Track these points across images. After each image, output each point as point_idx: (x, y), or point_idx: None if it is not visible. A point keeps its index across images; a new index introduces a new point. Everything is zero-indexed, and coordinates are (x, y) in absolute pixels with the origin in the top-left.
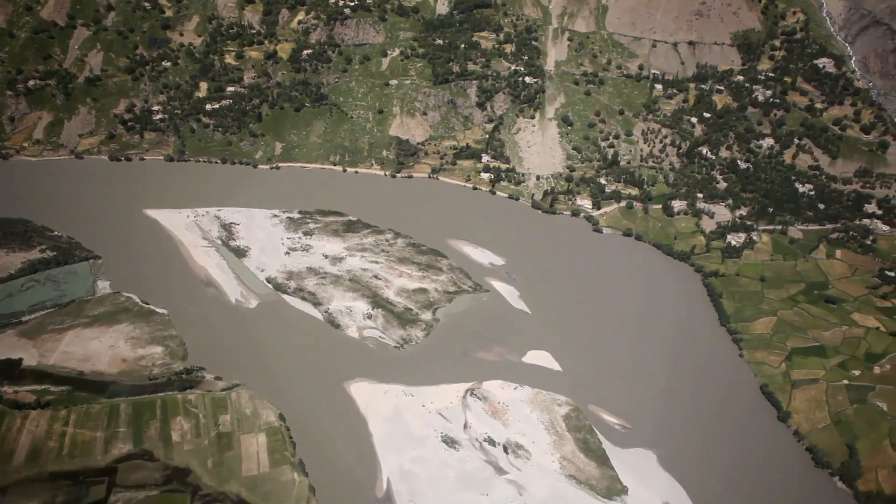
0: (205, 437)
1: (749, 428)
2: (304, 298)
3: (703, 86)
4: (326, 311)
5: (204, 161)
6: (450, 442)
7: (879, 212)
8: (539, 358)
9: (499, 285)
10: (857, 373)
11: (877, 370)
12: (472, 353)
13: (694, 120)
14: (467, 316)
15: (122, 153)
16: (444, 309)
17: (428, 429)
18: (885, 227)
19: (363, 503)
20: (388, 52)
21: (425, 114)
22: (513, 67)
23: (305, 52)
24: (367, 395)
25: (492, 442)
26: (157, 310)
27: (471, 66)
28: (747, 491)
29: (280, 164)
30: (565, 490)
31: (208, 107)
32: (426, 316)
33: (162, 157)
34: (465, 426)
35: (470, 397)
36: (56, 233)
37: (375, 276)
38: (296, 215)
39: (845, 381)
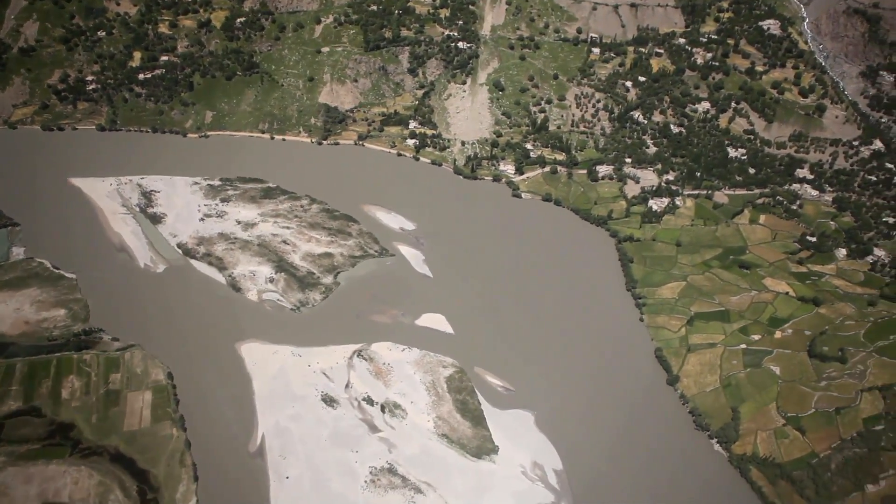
0: (93, 395)
1: (635, 392)
2: (210, 263)
3: (641, 49)
4: (230, 276)
5: (135, 130)
6: (329, 400)
7: (811, 176)
8: (433, 321)
9: (405, 250)
10: (757, 337)
11: (778, 335)
12: (366, 315)
13: (629, 84)
14: (369, 280)
15: (54, 123)
16: (346, 273)
17: (309, 388)
18: (814, 192)
19: (236, 457)
20: (322, 19)
21: (356, 81)
22: (446, 33)
23: (239, 20)
24: (257, 355)
25: (370, 401)
26: (66, 275)
27: (404, 32)
28: (620, 452)
29: (209, 133)
30: (435, 448)
31: (141, 76)
32: (327, 279)
33: (94, 127)
34: (347, 386)
35: (356, 358)
36: None
37: (284, 242)
38: (216, 182)
39: (743, 346)
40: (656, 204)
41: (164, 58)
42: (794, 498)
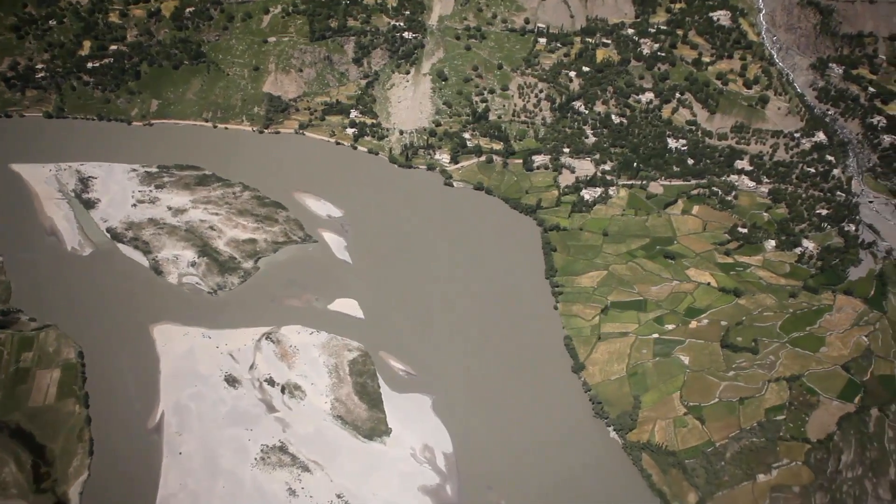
0: (3, 372)
1: (538, 379)
2: (136, 247)
3: (589, 39)
4: (154, 259)
5: (81, 118)
6: (231, 381)
7: (750, 168)
8: (345, 306)
9: (329, 236)
10: (671, 327)
11: (693, 325)
12: (281, 299)
13: (572, 74)
14: (288, 265)
15: (1, 110)
16: (267, 258)
17: (214, 368)
18: (752, 184)
19: (133, 433)
20: (271, 9)
21: (301, 70)
22: (393, 23)
23: (188, 9)
24: (168, 336)
25: (272, 382)
26: None
27: (350, 23)
28: (514, 437)
29: (154, 121)
30: (328, 429)
31: (89, 65)
32: (248, 264)
33: (41, 114)
34: (251, 367)
35: (265, 340)
36: None
37: (211, 227)
38: (154, 169)
39: (655, 335)
40: (589, 194)
41: (114, 47)
42: (683, 485)
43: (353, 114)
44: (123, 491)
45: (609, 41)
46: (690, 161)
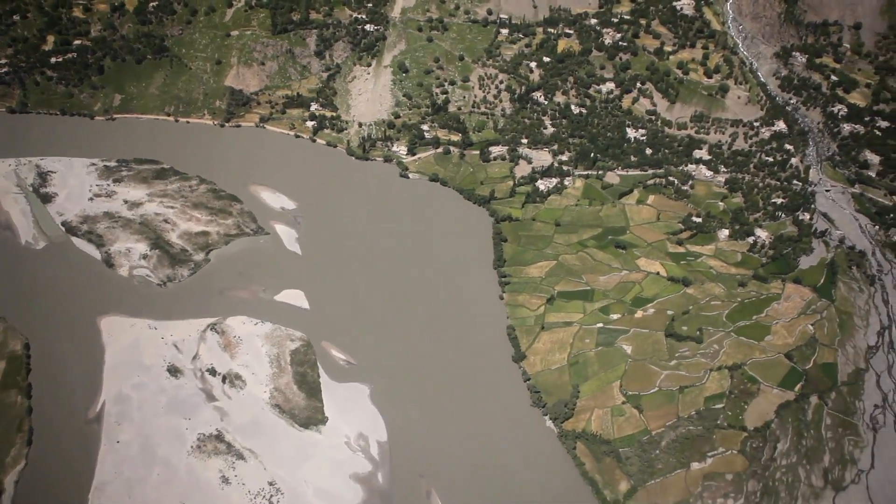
0: None
1: (478, 369)
2: (90, 241)
3: (551, 30)
4: (106, 252)
5: (44, 113)
6: (173, 371)
7: (708, 157)
8: (291, 296)
9: (281, 228)
10: (616, 316)
11: (639, 314)
12: (228, 291)
13: (533, 65)
14: (238, 257)
15: None
16: (218, 250)
17: (157, 359)
18: (709, 173)
19: (73, 423)
20: (234, 2)
21: (263, 64)
22: (355, 15)
23: (152, 4)
24: (114, 328)
25: (213, 372)
26: None
27: (313, 16)
28: (448, 426)
29: (116, 116)
30: (265, 417)
31: (53, 60)
32: (198, 256)
33: (4, 110)
34: (194, 357)
35: (209, 331)
36: None
37: (165, 220)
38: (113, 164)
39: (600, 325)
40: (544, 184)
41: (77, 42)
42: (616, 473)
43: (314, 107)
44: (59, 479)
45: (571, 31)
46: (649, 151)
